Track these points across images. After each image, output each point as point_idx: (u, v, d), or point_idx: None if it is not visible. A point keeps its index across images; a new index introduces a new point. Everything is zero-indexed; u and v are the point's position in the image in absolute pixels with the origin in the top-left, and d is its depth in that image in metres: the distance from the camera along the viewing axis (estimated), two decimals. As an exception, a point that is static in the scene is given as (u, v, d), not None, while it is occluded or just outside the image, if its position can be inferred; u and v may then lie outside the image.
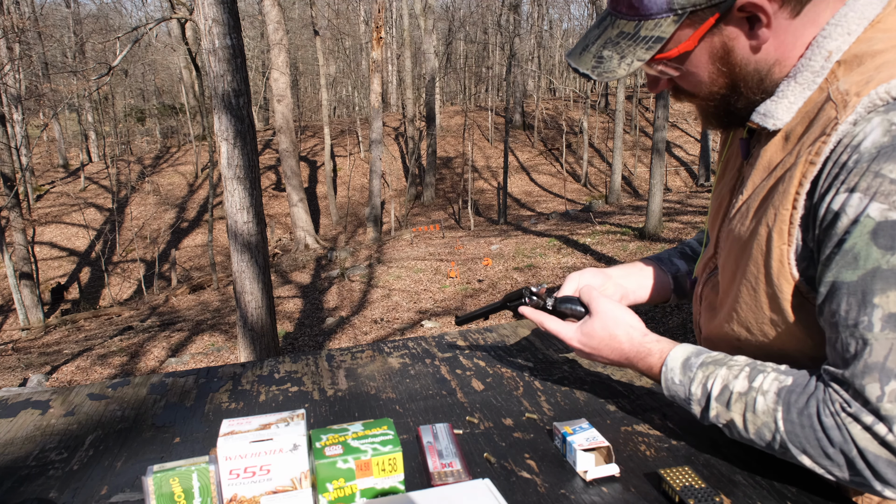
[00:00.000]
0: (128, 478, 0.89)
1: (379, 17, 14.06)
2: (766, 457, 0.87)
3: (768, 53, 0.78)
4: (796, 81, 0.78)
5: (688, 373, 0.86)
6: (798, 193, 0.75)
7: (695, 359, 0.86)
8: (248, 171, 4.87)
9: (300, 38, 30.55)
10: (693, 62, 0.81)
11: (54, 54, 27.72)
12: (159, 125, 31.88)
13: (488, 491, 0.76)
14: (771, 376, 0.79)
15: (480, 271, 10.29)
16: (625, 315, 0.97)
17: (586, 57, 0.83)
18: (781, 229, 0.77)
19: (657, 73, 0.85)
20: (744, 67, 0.79)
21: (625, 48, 0.79)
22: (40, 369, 8.14)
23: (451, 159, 25.04)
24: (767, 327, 0.83)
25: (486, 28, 33.57)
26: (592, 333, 0.97)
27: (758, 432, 0.78)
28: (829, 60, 0.76)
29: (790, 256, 0.77)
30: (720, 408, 0.82)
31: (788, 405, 0.75)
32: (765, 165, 0.82)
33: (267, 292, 5.12)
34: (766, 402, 0.77)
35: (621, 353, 0.95)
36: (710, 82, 0.82)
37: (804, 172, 0.74)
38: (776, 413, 0.76)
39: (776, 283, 0.79)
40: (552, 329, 1.02)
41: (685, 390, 0.86)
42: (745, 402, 0.79)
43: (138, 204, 21.58)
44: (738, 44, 0.77)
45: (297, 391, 1.15)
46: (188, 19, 12.73)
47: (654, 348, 0.92)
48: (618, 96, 16.37)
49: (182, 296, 12.67)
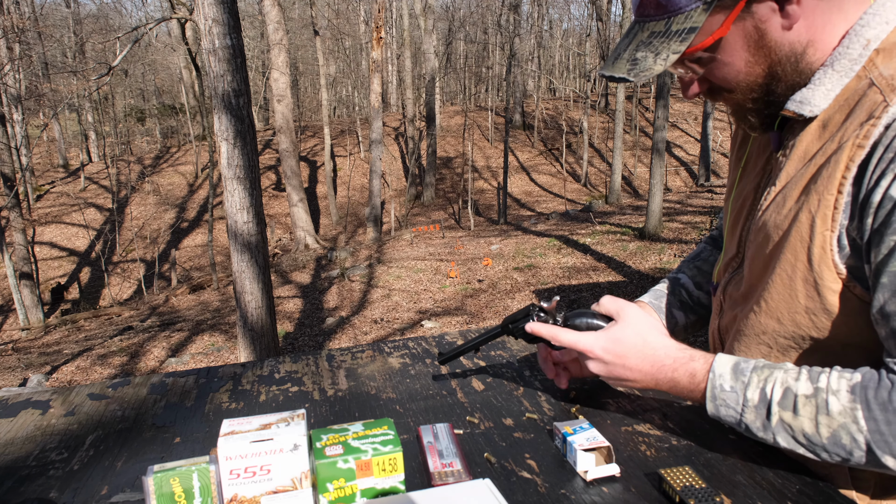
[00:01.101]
0: (128, 478, 0.89)
1: (379, 17, 14.06)
2: (767, 457, 0.87)
3: (800, 33, 0.78)
4: (833, 69, 0.77)
5: (741, 377, 0.80)
6: (844, 178, 0.74)
7: (745, 364, 0.81)
8: (248, 171, 4.87)
9: (300, 38, 30.54)
10: (727, 50, 0.80)
11: (54, 54, 27.72)
12: (159, 125, 31.88)
13: (488, 491, 0.76)
14: (835, 374, 0.75)
15: (480, 271, 10.29)
16: (657, 322, 0.92)
17: (619, 64, 0.82)
18: (825, 215, 0.76)
19: (691, 70, 0.84)
20: (779, 50, 0.79)
21: (658, 46, 0.79)
22: (40, 369, 8.14)
23: (451, 159, 25.04)
24: (800, 316, 0.81)
25: (486, 28, 33.57)
26: (622, 338, 0.88)
27: (833, 436, 0.73)
28: (867, 48, 0.76)
29: (832, 243, 0.76)
30: (785, 413, 0.76)
31: (867, 401, 0.71)
32: (800, 155, 0.81)
33: (267, 292, 5.12)
34: (841, 402, 0.73)
35: (654, 361, 0.87)
36: (746, 71, 0.81)
37: (851, 156, 0.73)
38: (855, 412, 0.72)
39: (817, 269, 0.77)
40: (568, 341, 0.92)
41: (738, 397, 0.79)
42: (816, 405, 0.74)
43: (138, 204, 21.58)
44: (771, 25, 0.77)
45: (298, 391, 1.15)
46: (188, 19, 12.73)
47: (697, 354, 0.85)
48: (618, 96, 16.36)
49: (182, 296, 12.67)
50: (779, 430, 0.77)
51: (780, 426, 0.77)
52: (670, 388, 0.87)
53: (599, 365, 0.90)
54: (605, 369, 0.90)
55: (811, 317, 0.80)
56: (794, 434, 0.76)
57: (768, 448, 0.89)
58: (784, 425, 0.76)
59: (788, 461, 0.86)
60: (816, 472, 0.84)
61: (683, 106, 27.27)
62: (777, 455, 0.87)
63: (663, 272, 8.65)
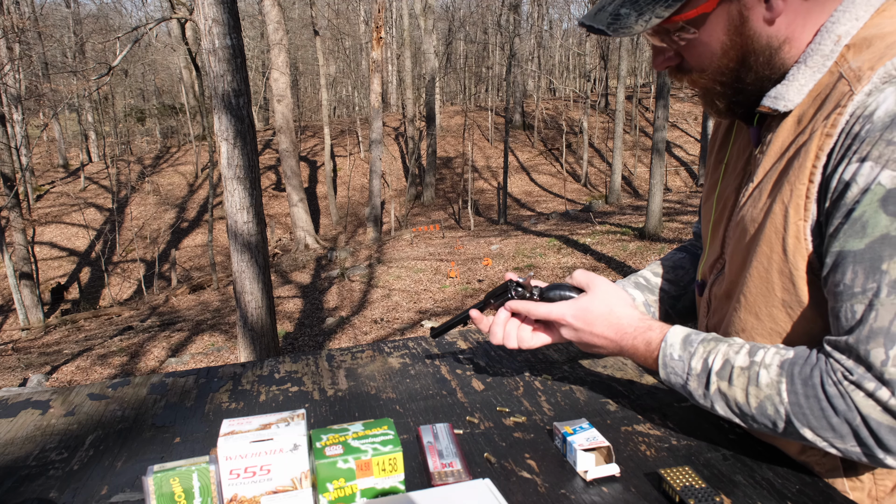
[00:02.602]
0: (128, 478, 0.89)
1: (379, 17, 14.06)
2: (767, 457, 0.87)
3: (779, 29, 0.79)
4: (806, 65, 0.79)
5: (688, 348, 0.85)
6: (815, 167, 0.75)
7: (695, 336, 0.86)
8: (248, 171, 4.87)
9: (300, 38, 30.54)
10: (707, 30, 0.80)
11: (54, 54, 27.71)
12: (159, 125, 31.87)
13: (488, 491, 0.76)
14: (772, 350, 0.79)
15: (480, 271, 10.29)
16: (624, 294, 0.96)
17: (601, 15, 0.82)
18: (798, 205, 0.77)
19: (668, 43, 0.84)
20: (756, 40, 0.80)
21: (643, 6, 0.79)
22: (40, 369, 8.14)
23: (451, 159, 25.04)
24: (777, 310, 0.83)
25: (486, 28, 33.58)
26: (590, 307, 0.94)
27: (760, 406, 0.77)
28: (838, 44, 0.77)
29: (806, 232, 0.77)
30: (721, 382, 0.80)
31: (792, 376, 0.75)
32: (776, 150, 0.83)
33: (267, 292, 5.12)
34: (770, 375, 0.76)
35: (618, 328, 0.92)
36: (721, 54, 0.82)
37: (820, 146, 0.75)
38: (780, 385, 0.75)
39: (792, 260, 0.79)
40: (541, 313, 0.98)
41: (684, 365, 0.84)
42: (748, 376, 0.78)
43: (138, 204, 21.58)
44: (754, 14, 0.78)
45: (298, 391, 1.15)
46: (188, 19, 12.72)
47: (655, 325, 0.91)
48: (618, 96, 16.37)
49: (182, 296, 12.67)
50: (716, 399, 0.82)
51: (717, 394, 0.81)
52: (631, 354, 0.92)
53: (570, 331, 0.97)
54: (576, 335, 0.96)
55: (787, 310, 0.82)
56: (728, 403, 0.81)
57: (768, 448, 0.89)
58: (720, 394, 0.81)
59: (788, 461, 0.86)
60: (816, 471, 0.84)
61: (683, 106, 27.27)
62: (777, 455, 0.88)
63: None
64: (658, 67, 0.89)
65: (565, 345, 1.31)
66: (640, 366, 1.18)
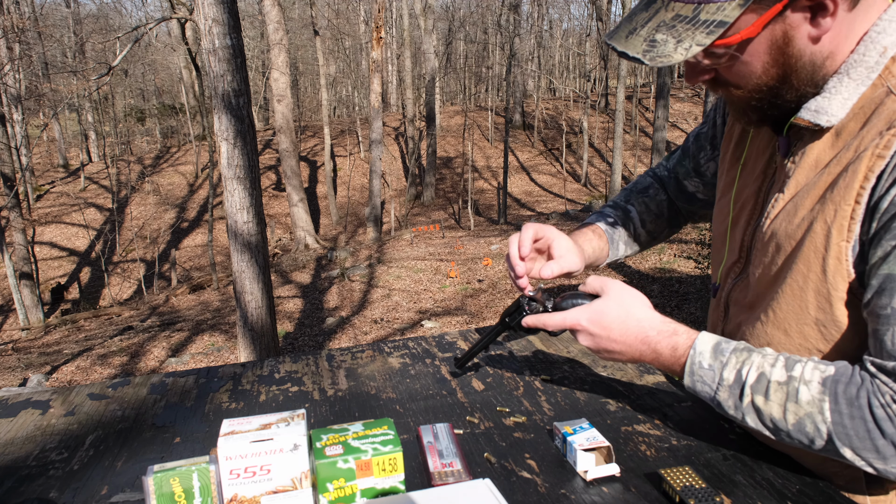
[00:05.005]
0: (128, 478, 0.89)
1: (379, 17, 14.06)
2: (767, 457, 0.87)
3: (824, 46, 0.75)
4: (849, 77, 0.75)
5: (720, 357, 0.81)
6: (863, 188, 0.73)
7: (726, 345, 0.82)
8: (248, 171, 4.87)
9: (300, 38, 30.53)
10: (750, 51, 0.76)
11: (54, 54, 27.70)
12: (159, 125, 31.85)
13: (488, 491, 0.76)
14: (810, 365, 0.76)
15: (480, 271, 10.29)
16: (641, 295, 0.92)
17: (635, 41, 0.76)
18: (842, 225, 0.75)
19: (709, 63, 0.79)
20: (799, 59, 0.76)
21: (682, 32, 0.74)
22: (40, 369, 8.14)
23: (451, 159, 25.04)
24: (808, 328, 0.81)
25: (486, 28, 33.54)
26: (606, 311, 0.89)
27: (798, 423, 0.75)
28: (884, 56, 0.74)
29: (848, 253, 0.75)
30: (757, 396, 0.78)
31: (836, 395, 0.73)
32: (811, 164, 0.80)
33: (267, 292, 5.12)
34: (811, 392, 0.74)
35: (638, 331, 0.87)
36: (762, 73, 0.78)
37: (870, 167, 0.72)
38: (822, 404, 0.73)
39: (831, 280, 0.77)
40: (555, 322, 0.93)
41: (715, 375, 0.81)
42: (787, 392, 0.76)
43: (138, 204, 21.58)
44: (799, 33, 0.74)
45: (298, 391, 1.15)
46: (188, 19, 12.72)
47: (681, 329, 0.86)
48: (618, 96, 16.36)
49: (182, 296, 12.67)
50: (748, 412, 0.79)
51: (750, 408, 0.79)
52: (653, 360, 0.88)
53: (587, 337, 0.91)
54: (593, 341, 0.90)
55: (820, 328, 0.80)
56: (762, 417, 0.78)
57: (768, 448, 0.89)
58: (754, 407, 0.79)
59: (788, 461, 0.86)
60: (816, 471, 0.84)
61: (683, 106, 27.26)
62: (777, 455, 0.87)
63: (663, 272, 8.66)
64: (691, 82, 0.84)
65: (565, 345, 1.31)
66: (640, 366, 1.18)
